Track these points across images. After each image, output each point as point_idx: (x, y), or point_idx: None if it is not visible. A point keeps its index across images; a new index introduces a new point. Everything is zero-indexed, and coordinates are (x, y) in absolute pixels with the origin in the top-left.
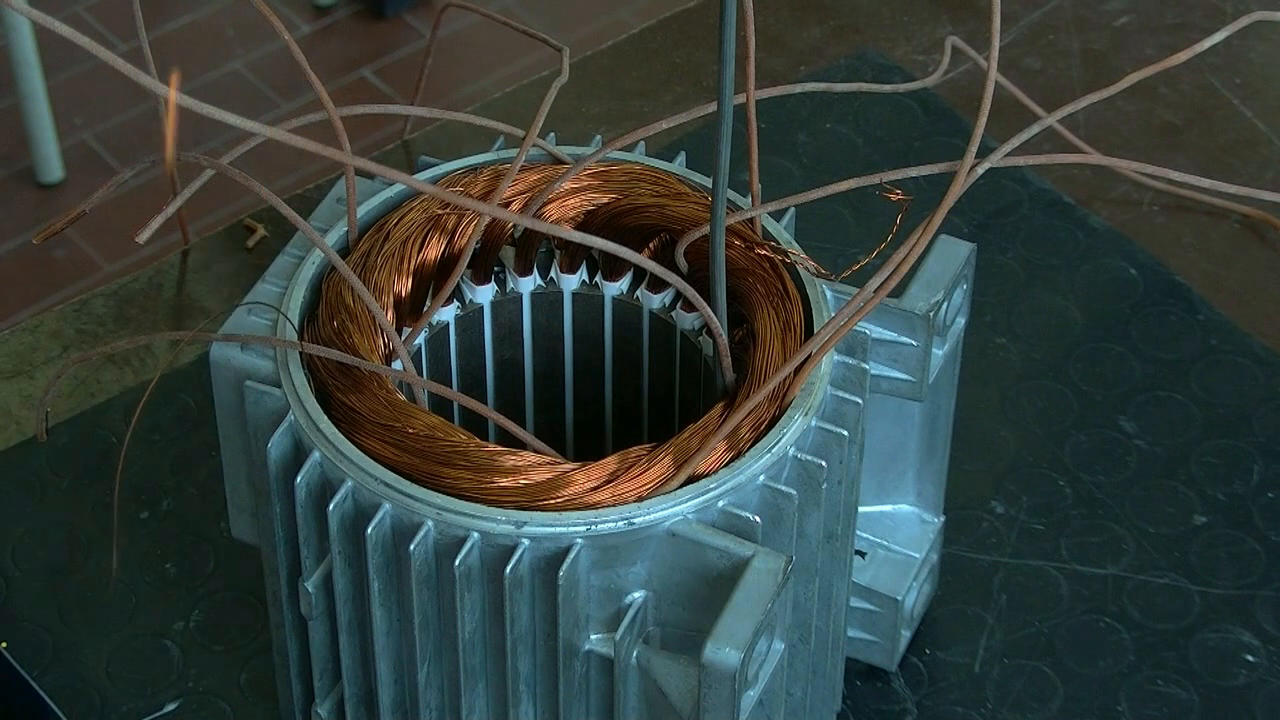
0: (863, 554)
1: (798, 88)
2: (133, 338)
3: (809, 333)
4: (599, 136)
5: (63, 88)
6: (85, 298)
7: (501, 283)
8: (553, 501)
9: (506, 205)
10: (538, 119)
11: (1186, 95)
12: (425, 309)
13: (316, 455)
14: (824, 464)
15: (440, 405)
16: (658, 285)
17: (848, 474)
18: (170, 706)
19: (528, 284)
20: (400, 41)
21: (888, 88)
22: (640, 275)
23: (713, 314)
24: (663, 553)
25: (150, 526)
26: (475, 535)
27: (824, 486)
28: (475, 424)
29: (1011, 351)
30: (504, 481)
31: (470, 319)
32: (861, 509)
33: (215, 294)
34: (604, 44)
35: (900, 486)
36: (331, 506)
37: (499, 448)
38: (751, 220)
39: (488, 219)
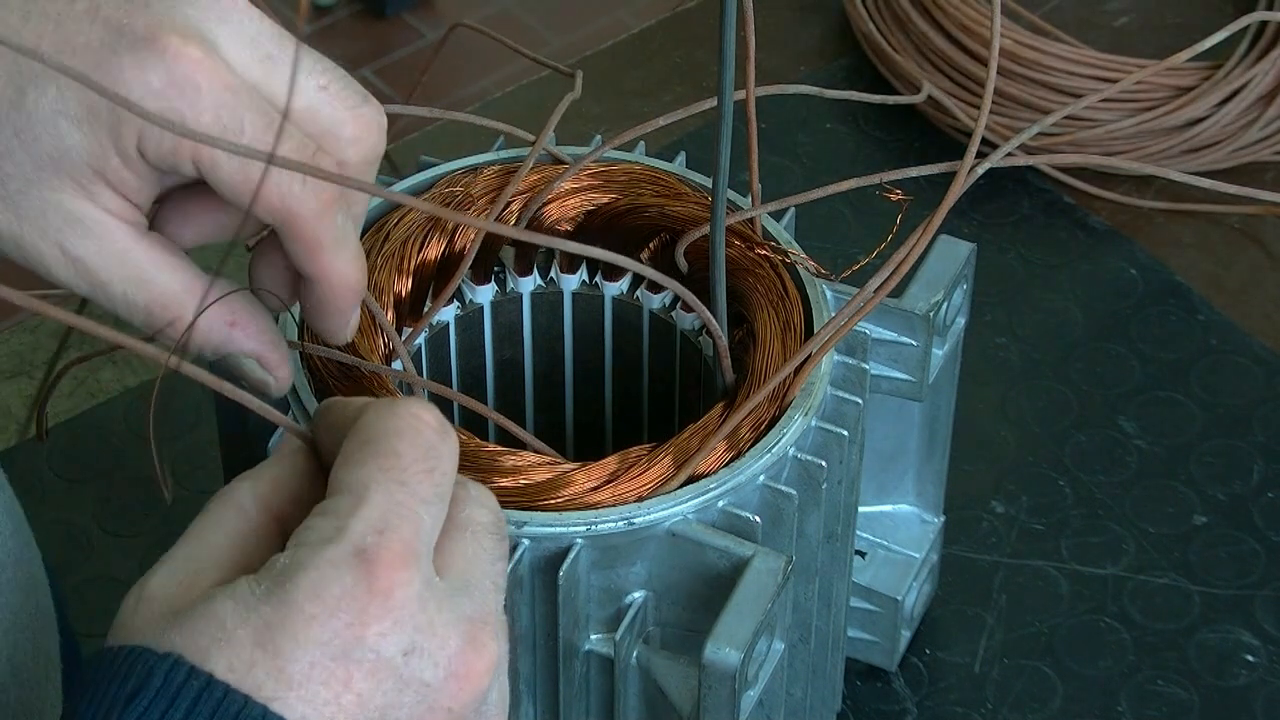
0: (863, 554)
1: (790, 89)
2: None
3: (809, 333)
4: (599, 136)
5: None
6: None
7: (501, 283)
8: (553, 501)
9: (507, 205)
10: (547, 127)
11: None
12: (425, 309)
13: None
14: (824, 464)
15: (440, 405)
16: (658, 285)
17: (848, 474)
18: None
19: (528, 284)
20: (400, 41)
21: (877, 98)
22: (640, 275)
23: (711, 316)
24: (663, 553)
25: (150, 526)
26: None
27: (824, 486)
28: (475, 424)
29: (1011, 351)
30: (504, 481)
31: (470, 319)
32: (861, 509)
33: None
34: (604, 44)
35: (900, 486)
36: None
37: (499, 448)
38: (751, 220)
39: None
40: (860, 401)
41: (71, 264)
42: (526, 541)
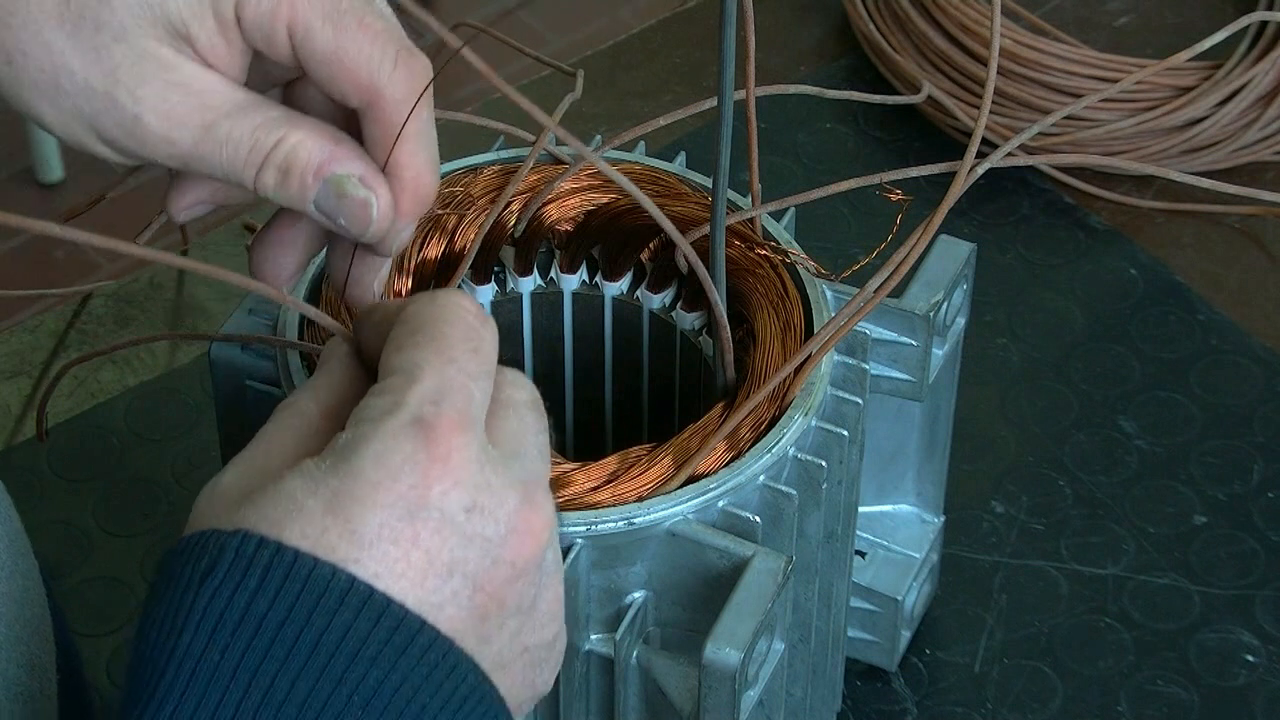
0: (863, 554)
1: (791, 89)
2: (134, 337)
3: (809, 333)
4: (599, 136)
5: None
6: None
7: (501, 283)
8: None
9: (508, 205)
10: (552, 121)
11: None
12: None
13: None
14: (824, 464)
15: None
16: (658, 285)
17: (848, 474)
18: None
19: (528, 284)
20: None
21: (877, 99)
22: (640, 275)
23: (717, 297)
24: (663, 553)
25: (150, 526)
26: None
27: (824, 486)
28: None
29: (1011, 351)
30: None
31: None
32: (861, 509)
33: (215, 294)
34: (604, 44)
35: (900, 486)
36: None
37: None
38: (751, 220)
39: (489, 220)
40: (860, 401)
41: (167, 114)
42: None
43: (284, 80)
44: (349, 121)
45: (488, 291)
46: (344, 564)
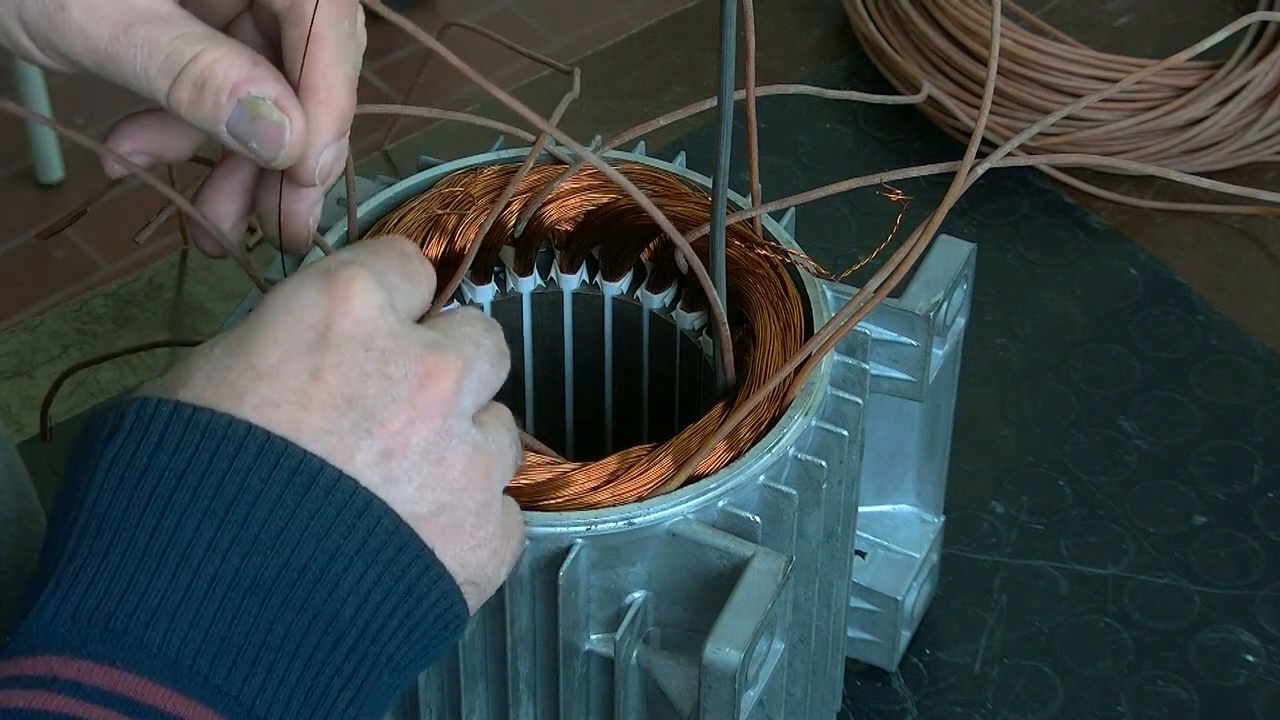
0: (863, 554)
1: (791, 89)
2: (136, 343)
3: (809, 333)
4: (599, 136)
5: (63, 88)
6: (85, 298)
7: (501, 283)
8: (553, 501)
9: (508, 205)
10: (550, 124)
11: None
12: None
13: None
14: (824, 464)
15: None
16: (658, 285)
17: (848, 474)
18: None
19: (528, 284)
20: (400, 42)
21: (877, 99)
22: (640, 275)
23: (715, 296)
24: (663, 553)
25: None
26: None
27: (824, 486)
28: None
29: (1011, 351)
30: None
31: None
32: (861, 509)
33: (215, 294)
34: (604, 44)
35: (900, 486)
36: None
37: None
38: (751, 220)
39: (489, 220)
40: (860, 401)
41: (91, 6)
42: (527, 541)
43: (220, 24)
44: (273, 56)
45: (488, 291)
46: (242, 396)
